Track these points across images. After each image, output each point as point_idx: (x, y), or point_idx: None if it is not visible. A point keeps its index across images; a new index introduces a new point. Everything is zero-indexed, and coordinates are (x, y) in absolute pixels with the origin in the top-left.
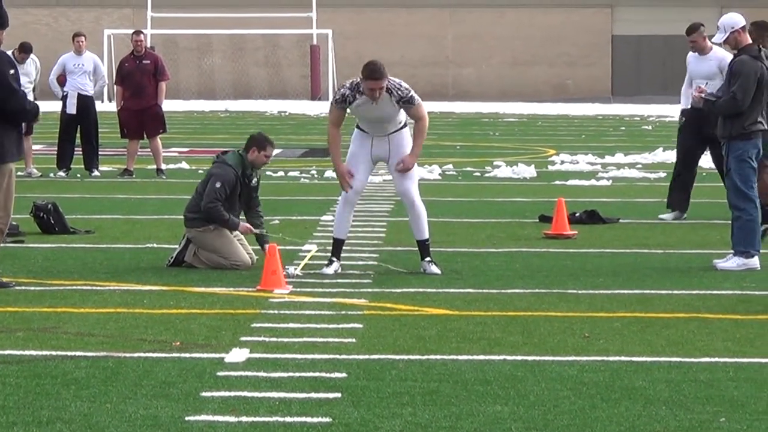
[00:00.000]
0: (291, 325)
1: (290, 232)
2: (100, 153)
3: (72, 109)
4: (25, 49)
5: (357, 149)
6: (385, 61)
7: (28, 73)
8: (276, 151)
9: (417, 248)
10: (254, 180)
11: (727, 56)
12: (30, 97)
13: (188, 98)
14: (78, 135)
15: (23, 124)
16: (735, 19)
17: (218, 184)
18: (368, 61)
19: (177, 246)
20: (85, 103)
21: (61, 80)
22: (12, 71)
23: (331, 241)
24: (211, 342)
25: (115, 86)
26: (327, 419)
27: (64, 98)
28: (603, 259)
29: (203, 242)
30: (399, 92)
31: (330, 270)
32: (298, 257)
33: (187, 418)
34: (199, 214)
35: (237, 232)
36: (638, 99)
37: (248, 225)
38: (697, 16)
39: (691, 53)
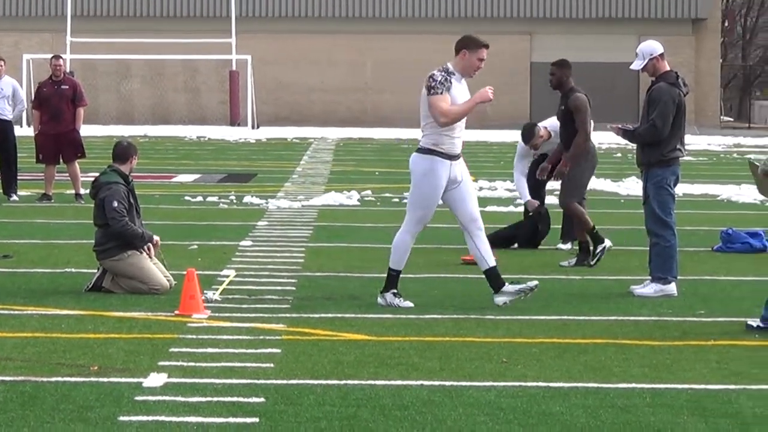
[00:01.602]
0: (209, 349)
1: (209, 258)
2: (18, 178)
3: None
4: None
5: (436, 186)
6: (304, 87)
7: None
8: (195, 176)
9: (336, 274)
10: (132, 185)
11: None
12: None
13: (107, 123)
14: None
15: None
16: (653, 46)
17: (114, 203)
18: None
19: (95, 271)
20: (4, 127)
21: None
22: None
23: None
24: (129, 366)
25: (33, 110)
26: None
27: None
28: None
29: (120, 270)
30: None
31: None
32: (217, 282)
33: None
34: (107, 245)
35: (154, 257)
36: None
37: (156, 237)
38: (615, 44)
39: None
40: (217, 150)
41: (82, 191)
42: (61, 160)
